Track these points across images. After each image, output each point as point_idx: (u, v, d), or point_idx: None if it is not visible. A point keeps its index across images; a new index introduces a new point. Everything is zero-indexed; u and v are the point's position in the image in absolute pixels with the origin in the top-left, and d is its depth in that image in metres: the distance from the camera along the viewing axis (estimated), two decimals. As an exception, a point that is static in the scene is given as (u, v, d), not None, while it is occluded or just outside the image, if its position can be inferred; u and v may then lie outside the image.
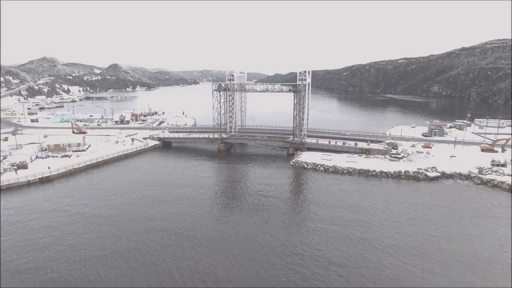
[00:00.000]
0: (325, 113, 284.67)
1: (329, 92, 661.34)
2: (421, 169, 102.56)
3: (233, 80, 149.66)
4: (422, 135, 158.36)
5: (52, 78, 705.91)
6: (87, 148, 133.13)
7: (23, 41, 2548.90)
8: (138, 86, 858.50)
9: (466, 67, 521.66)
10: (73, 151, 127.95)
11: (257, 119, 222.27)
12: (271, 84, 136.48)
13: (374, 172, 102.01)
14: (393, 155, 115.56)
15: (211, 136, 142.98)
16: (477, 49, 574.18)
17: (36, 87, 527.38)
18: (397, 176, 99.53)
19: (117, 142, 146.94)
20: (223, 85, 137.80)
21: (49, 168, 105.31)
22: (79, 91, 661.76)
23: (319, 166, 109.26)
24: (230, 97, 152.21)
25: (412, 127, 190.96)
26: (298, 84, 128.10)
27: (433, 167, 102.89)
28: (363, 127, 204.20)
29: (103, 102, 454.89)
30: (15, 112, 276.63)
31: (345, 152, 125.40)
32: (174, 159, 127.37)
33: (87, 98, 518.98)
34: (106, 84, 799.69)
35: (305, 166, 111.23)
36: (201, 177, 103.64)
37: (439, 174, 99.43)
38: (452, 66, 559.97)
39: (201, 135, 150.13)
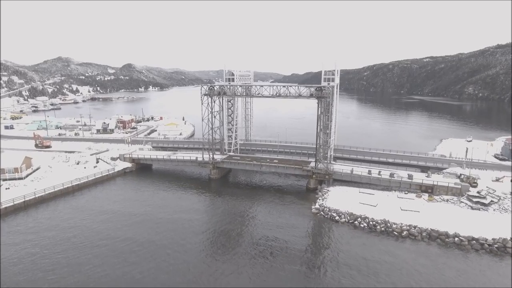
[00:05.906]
0: (352, 119, 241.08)
1: (349, 93, 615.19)
2: (535, 232, 60.39)
3: (232, 80, 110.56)
4: (495, 157, 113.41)
5: (63, 78, 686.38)
6: (27, 175, 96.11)
7: (42, 41, 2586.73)
8: (150, 86, 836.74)
9: (506, 66, 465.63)
10: (4, 180, 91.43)
11: (269, 127, 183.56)
12: (284, 86, 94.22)
13: (456, 239, 60.06)
14: (474, 199, 73.33)
15: (200, 159, 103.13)
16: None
17: (40, 87, 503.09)
18: (501, 250, 56.98)
19: (78, 163, 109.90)
20: (216, 88, 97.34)
21: None
22: (89, 92, 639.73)
23: (359, 219, 68.02)
24: (230, 103, 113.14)
25: (468, 140, 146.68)
26: (324, 87, 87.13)
27: (557, 230, 60.54)
28: (403, 139, 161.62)
29: (108, 104, 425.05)
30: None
31: (394, 188, 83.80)
32: (144, 196, 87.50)
33: (93, 99, 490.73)
34: (118, 84, 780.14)
35: (336, 217, 69.79)
36: (171, 240, 64.56)
37: None
38: (488, 65, 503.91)
39: (188, 155, 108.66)
